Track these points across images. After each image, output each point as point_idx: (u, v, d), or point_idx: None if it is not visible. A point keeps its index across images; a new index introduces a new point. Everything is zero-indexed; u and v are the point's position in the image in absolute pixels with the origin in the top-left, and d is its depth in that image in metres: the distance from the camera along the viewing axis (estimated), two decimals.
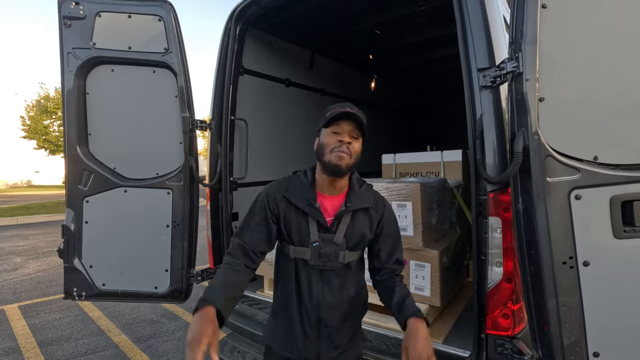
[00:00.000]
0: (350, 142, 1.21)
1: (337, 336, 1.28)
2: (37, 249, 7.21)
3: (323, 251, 1.23)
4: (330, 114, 1.23)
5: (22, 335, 3.50)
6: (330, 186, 1.27)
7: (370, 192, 1.35)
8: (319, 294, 1.26)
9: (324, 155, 1.22)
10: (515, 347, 1.40)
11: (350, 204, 1.27)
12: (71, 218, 2.21)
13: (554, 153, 1.20)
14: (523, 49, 1.20)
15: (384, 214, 1.34)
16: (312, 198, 1.25)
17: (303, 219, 1.25)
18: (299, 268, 1.27)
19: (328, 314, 1.26)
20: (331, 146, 1.21)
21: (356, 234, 1.28)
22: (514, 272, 1.43)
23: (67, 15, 2.16)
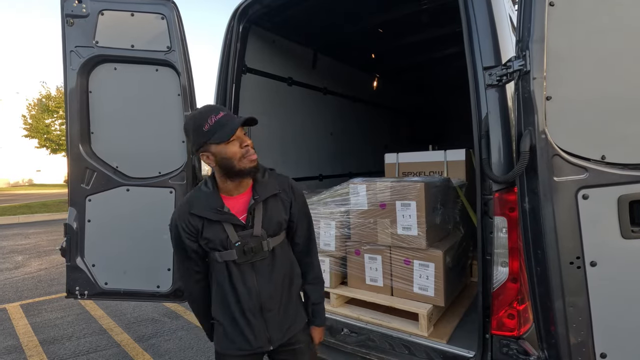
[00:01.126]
0: (248, 142, 1.27)
1: (282, 315, 1.36)
2: (38, 247, 7.22)
3: (247, 247, 1.29)
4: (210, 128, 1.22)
5: (24, 334, 3.50)
6: (237, 186, 1.32)
7: (273, 178, 1.41)
8: (255, 286, 1.31)
9: (234, 167, 1.25)
10: (520, 347, 1.40)
11: (257, 196, 1.32)
12: (74, 217, 2.21)
13: (561, 152, 1.19)
14: (530, 47, 1.19)
15: (294, 194, 1.43)
16: (219, 204, 1.29)
17: (218, 226, 1.29)
18: (230, 269, 1.32)
19: (268, 301, 1.32)
20: (239, 155, 1.24)
21: (273, 220, 1.35)
22: (520, 272, 1.42)
23: (70, 13, 2.16)
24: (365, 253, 2.11)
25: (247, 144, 1.26)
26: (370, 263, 2.10)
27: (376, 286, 2.09)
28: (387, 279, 2.05)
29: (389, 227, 2.01)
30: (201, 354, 3.06)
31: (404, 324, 1.89)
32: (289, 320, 1.39)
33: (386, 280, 2.06)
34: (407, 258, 1.98)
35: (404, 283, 1.99)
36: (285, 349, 1.40)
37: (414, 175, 3.00)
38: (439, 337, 1.80)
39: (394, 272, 2.03)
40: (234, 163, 1.25)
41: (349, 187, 2.17)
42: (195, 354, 3.07)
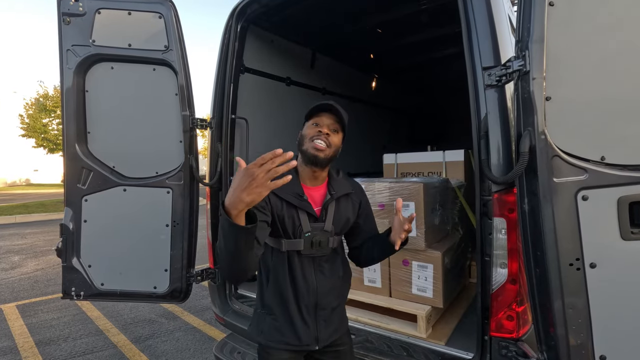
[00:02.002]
0: (328, 133, 1.28)
1: (332, 316, 1.36)
2: (35, 247, 7.18)
3: (315, 239, 1.28)
4: (312, 108, 1.32)
5: (20, 334, 3.47)
6: (312, 177, 1.33)
7: (345, 178, 1.45)
8: (314, 281, 1.31)
9: (303, 145, 1.29)
10: (519, 349, 1.39)
11: (334, 192, 1.34)
12: (70, 217, 2.19)
13: (561, 153, 1.18)
14: (530, 47, 1.18)
15: (362, 197, 1.47)
16: (300, 191, 1.30)
17: (294, 212, 1.28)
18: (291, 260, 1.30)
19: (323, 298, 1.32)
20: (310, 135, 1.28)
21: (342, 219, 1.36)
22: (519, 273, 1.41)
23: (67, 11, 2.14)
24: None
25: (321, 129, 1.27)
26: None
27: (374, 287, 2.09)
28: (386, 280, 2.05)
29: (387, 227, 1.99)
30: (198, 355, 3.05)
31: (403, 325, 1.88)
32: (336, 321, 1.39)
33: (384, 281, 2.05)
34: (405, 259, 1.97)
35: (403, 284, 1.98)
36: (329, 350, 1.39)
37: (413, 175, 2.99)
38: (437, 338, 1.79)
39: (393, 273, 2.02)
40: (304, 141, 1.29)
41: None
42: (193, 355, 3.05)
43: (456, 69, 4.30)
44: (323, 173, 1.35)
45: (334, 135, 1.31)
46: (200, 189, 2.33)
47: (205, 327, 3.61)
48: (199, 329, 3.55)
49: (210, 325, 3.63)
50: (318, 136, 1.26)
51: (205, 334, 3.46)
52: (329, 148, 1.28)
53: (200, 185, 2.31)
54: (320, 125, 1.29)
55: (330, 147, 1.28)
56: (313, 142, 1.26)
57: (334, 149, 1.30)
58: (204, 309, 4.05)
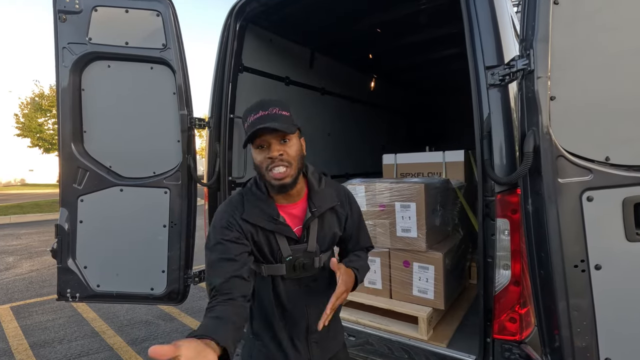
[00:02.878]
0: (281, 152, 1.07)
1: (324, 336, 1.27)
2: (30, 248, 7.10)
3: (298, 262, 1.17)
4: (247, 126, 1.09)
5: (14, 336, 3.42)
6: (286, 196, 1.17)
7: (330, 187, 1.27)
8: (303, 304, 1.21)
9: (263, 176, 1.11)
10: (523, 352, 1.37)
11: (315, 209, 1.18)
12: (65, 217, 2.16)
13: (566, 153, 1.17)
14: (534, 46, 1.16)
15: (351, 207, 1.30)
16: (274, 213, 1.14)
17: (271, 236, 1.16)
18: (275, 284, 1.20)
19: (315, 321, 1.17)
20: (264, 165, 1.09)
21: (327, 236, 1.23)
22: (522, 275, 1.40)
23: (63, 9, 2.11)
24: None
25: (271, 156, 1.07)
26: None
27: (375, 289, 2.07)
28: (386, 281, 2.03)
29: (388, 228, 1.98)
30: None
31: (403, 327, 1.86)
32: (330, 340, 1.31)
33: (385, 282, 2.03)
34: (406, 260, 1.95)
35: (403, 286, 1.96)
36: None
37: (413, 176, 2.98)
38: (438, 340, 1.77)
39: (393, 275, 2.00)
40: (262, 173, 1.11)
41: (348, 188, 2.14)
42: None
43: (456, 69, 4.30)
44: (297, 187, 1.16)
45: (286, 148, 1.09)
46: (198, 190, 2.31)
47: None
48: None
49: None
50: (272, 163, 1.07)
51: None
52: (290, 167, 1.09)
53: (198, 186, 2.28)
54: (267, 148, 1.08)
55: (290, 164, 1.09)
56: (271, 173, 1.08)
57: (295, 161, 1.10)
58: (201, 311, 4.01)
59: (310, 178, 1.23)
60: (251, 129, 1.06)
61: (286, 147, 1.09)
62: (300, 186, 1.19)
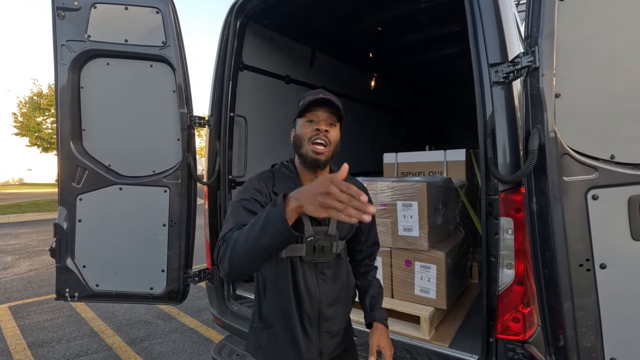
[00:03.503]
0: (327, 129, 1.16)
1: (335, 326, 1.26)
2: (28, 247, 7.08)
3: (318, 244, 1.18)
4: (303, 102, 1.17)
5: (12, 336, 3.40)
6: (313, 178, 1.19)
7: (350, 179, 1.31)
8: (316, 290, 1.21)
9: (301, 147, 1.18)
10: (526, 352, 1.36)
11: None
12: (64, 216, 2.14)
13: (571, 151, 1.15)
14: (540, 43, 1.15)
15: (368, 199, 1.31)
16: None
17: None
18: (294, 267, 1.20)
19: (327, 309, 1.23)
20: (308, 135, 1.16)
21: (346, 223, 1.21)
22: (526, 274, 1.39)
23: (61, 6, 2.09)
24: None
25: (319, 127, 1.15)
26: None
27: None
28: (388, 280, 2.01)
29: (389, 227, 1.97)
30: (195, 357, 3.00)
31: (405, 327, 1.85)
32: (341, 333, 1.30)
33: (386, 282, 2.02)
34: (408, 259, 1.94)
35: (405, 285, 1.95)
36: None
37: (414, 175, 2.96)
38: (440, 340, 1.76)
39: (395, 274, 1.98)
40: (302, 143, 1.17)
41: None
42: (189, 357, 3.01)
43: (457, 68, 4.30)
44: (325, 172, 1.24)
45: (332, 130, 1.18)
46: (198, 189, 2.29)
47: (202, 328, 3.56)
48: (195, 330, 3.50)
49: (207, 327, 3.58)
50: (317, 136, 1.15)
51: (202, 335, 3.41)
52: (329, 146, 1.17)
53: (198, 185, 2.26)
54: (316, 122, 1.17)
55: (330, 144, 1.17)
56: (312, 146, 1.15)
57: (333, 145, 1.19)
58: (200, 310, 4.00)
59: (332, 168, 1.29)
60: (311, 97, 1.15)
61: (332, 129, 1.18)
62: (327, 173, 1.24)
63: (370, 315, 1.35)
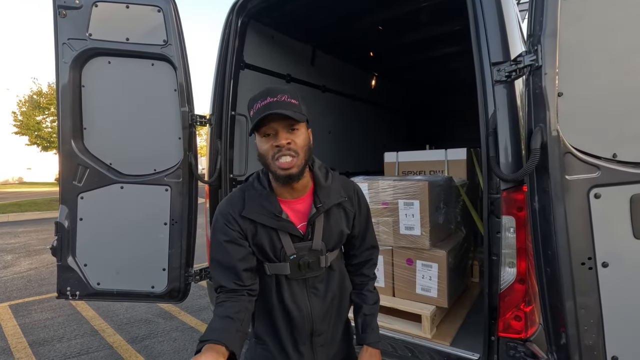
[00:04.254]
0: (289, 141, 1.02)
1: (330, 338, 1.22)
2: (28, 246, 7.07)
3: (303, 261, 1.11)
4: (253, 114, 1.03)
5: (13, 335, 3.40)
6: (290, 190, 1.11)
7: (337, 182, 1.20)
8: (307, 306, 1.15)
9: (268, 166, 1.05)
10: (528, 350, 1.37)
11: (320, 204, 1.12)
12: (65, 215, 2.14)
13: (573, 150, 1.16)
14: (542, 42, 1.15)
15: (359, 204, 1.24)
16: (277, 209, 1.09)
17: (273, 233, 1.10)
18: (279, 284, 1.14)
19: (320, 324, 1.17)
20: (270, 154, 1.03)
21: (334, 233, 1.17)
22: (527, 273, 1.39)
23: (63, 4, 2.09)
24: None
25: (278, 144, 1.01)
26: None
27: (377, 287, 2.04)
28: (389, 279, 2.02)
29: (391, 226, 1.97)
30: None
31: (407, 325, 1.86)
32: (336, 344, 1.25)
33: (388, 280, 2.02)
34: (409, 258, 1.94)
35: (407, 284, 1.96)
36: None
37: (415, 174, 2.97)
38: (442, 338, 1.76)
39: (396, 273, 1.99)
40: (268, 162, 1.04)
41: None
42: (190, 355, 3.01)
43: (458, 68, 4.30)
44: (303, 181, 1.11)
45: (294, 137, 1.03)
46: (199, 188, 2.29)
47: (202, 327, 3.56)
48: (196, 329, 3.50)
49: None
50: (279, 152, 1.01)
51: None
52: (297, 157, 1.03)
53: (199, 184, 2.27)
54: (273, 136, 1.03)
55: (297, 154, 1.03)
56: (277, 162, 1.02)
57: (302, 152, 1.04)
58: (201, 309, 4.00)
59: (316, 172, 1.16)
60: (258, 116, 1.00)
61: (294, 136, 1.03)
62: (306, 180, 1.13)
63: (361, 337, 1.26)
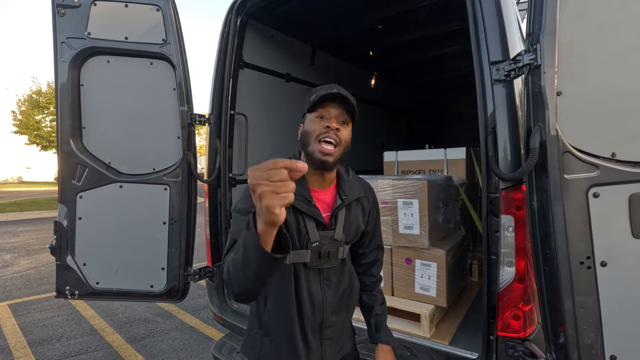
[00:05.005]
0: (338, 128, 1.09)
1: (337, 332, 1.23)
2: (28, 245, 7.07)
3: (323, 250, 1.13)
4: (315, 96, 1.10)
5: (12, 334, 3.40)
6: (320, 180, 1.16)
7: (357, 179, 1.28)
8: (320, 297, 1.16)
9: (309, 145, 1.10)
10: (527, 349, 1.36)
11: (345, 196, 1.18)
12: (64, 214, 2.13)
13: (572, 149, 1.16)
14: (541, 41, 1.15)
15: (374, 201, 1.32)
16: (308, 194, 1.12)
17: (300, 218, 1.11)
18: (297, 273, 1.14)
19: (330, 316, 1.18)
20: (316, 133, 1.08)
21: (352, 227, 1.21)
22: (526, 272, 1.39)
23: (61, 3, 2.08)
24: None
25: (331, 126, 1.07)
26: None
27: None
28: (388, 278, 2.02)
29: (390, 225, 1.97)
30: (195, 355, 3.00)
31: (405, 324, 1.86)
32: (343, 338, 1.26)
33: (387, 280, 2.02)
34: (408, 257, 1.94)
35: (406, 283, 1.95)
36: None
37: (414, 173, 2.96)
38: (441, 338, 1.76)
39: (395, 272, 1.99)
40: (309, 141, 1.09)
41: None
42: (190, 354, 3.01)
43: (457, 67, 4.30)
44: (332, 174, 1.18)
45: (343, 129, 1.10)
46: (198, 186, 2.29)
47: (202, 326, 3.56)
48: (195, 328, 3.51)
49: (207, 325, 3.58)
50: (326, 134, 1.07)
51: (202, 333, 3.42)
52: (339, 147, 1.09)
53: (198, 183, 2.26)
54: (327, 119, 1.09)
55: (339, 144, 1.09)
56: (320, 145, 1.07)
57: (343, 145, 1.11)
58: (200, 308, 4.00)
59: (339, 168, 1.23)
60: (324, 91, 1.07)
61: (343, 128, 1.11)
62: (334, 174, 1.20)
63: (375, 336, 1.31)
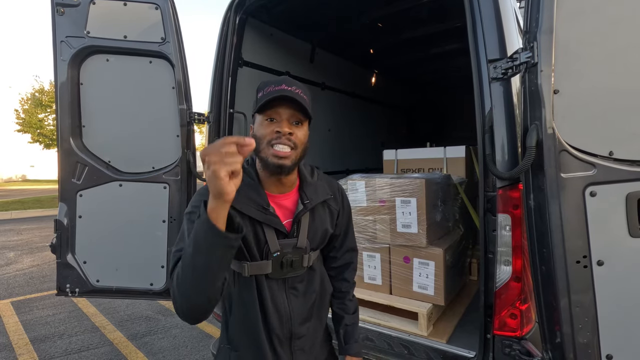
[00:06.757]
0: (290, 132, 0.98)
1: (310, 342, 1.16)
2: (31, 243, 7.12)
3: (286, 259, 1.06)
4: (262, 95, 1.00)
5: (15, 331, 3.43)
6: (278, 184, 1.07)
7: (323, 180, 1.19)
8: (287, 308, 1.09)
9: (260, 150, 1.00)
10: (523, 348, 1.36)
11: (307, 201, 1.09)
12: (64, 212, 2.15)
13: (569, 148, 1.15)
14: (538, 39, 1.14)
15: (343, 202, 1.23)
16: (264, 202, 1.03)
17: (258, 228, 1.03)
18: (259, 284, 1.06)
19: (299, 327, 1.11)
20: (267, 138, 0.99)
21: (319, 232, 1.13)
22: (523, 271, 1.39)
23: (61, 2, 2.09)
24: (363, 251, 2.06)
25: (280, 129, 0.97)
26: (368, 261, 2.06)
27: (375, 285, 2.06)
28: (386, 277, 2.02)
29: (388, 224, 1.97)
30: (196, 352, 3.02)
31: (403, 323, 1.86)
32: (316, 347, 1.19)
33: (385, 278, 2.02)
34: (406, 256, 1.94)
35: (403, 281, 1.96)
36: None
37: (413, 172, 2.96)
38: (438, 336, 1.76)
39: (393, 271, 1.99)
40: (261, 146, 1.00)
41: (348, 184, 2.13)
42: (190, 352, 3.03)
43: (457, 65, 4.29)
44: (292, 177, 1.08)
45: (297, 130, 1.01)
46: (197, 185, 2.30)
47: (202, 324, 3.58)
48: (196, 326, 3.52)
49: (207, 322, 3.60)
50: (278, 139, 0.98)
51: (202, 330, 3.43)
52: (294, 150, 1.00)
53: (197, 181, 2.27)
54: (277, 122, 0.99)
55: (295, 148, 1.00)
56: (273, 149, 0.98)
57: (300, 148, 1.02)
58: None
59: (301, 169, 1.14)
60: (270, 95, 0.97)
61: (297, 129, 1.01)
62: (294, 177, 1.11)
63: (344, 348, 1.24)
